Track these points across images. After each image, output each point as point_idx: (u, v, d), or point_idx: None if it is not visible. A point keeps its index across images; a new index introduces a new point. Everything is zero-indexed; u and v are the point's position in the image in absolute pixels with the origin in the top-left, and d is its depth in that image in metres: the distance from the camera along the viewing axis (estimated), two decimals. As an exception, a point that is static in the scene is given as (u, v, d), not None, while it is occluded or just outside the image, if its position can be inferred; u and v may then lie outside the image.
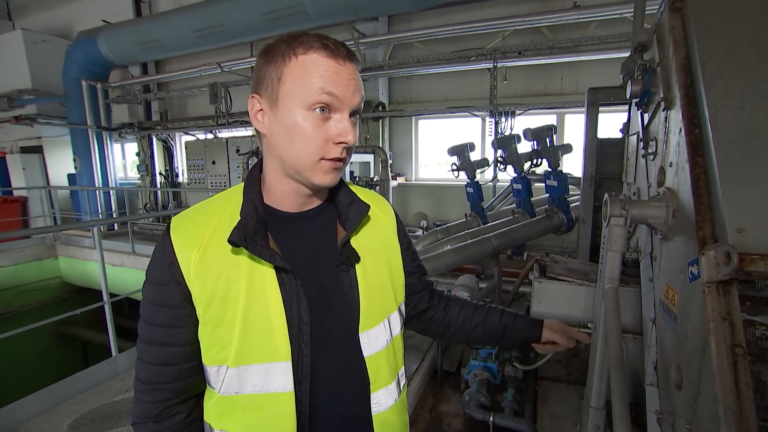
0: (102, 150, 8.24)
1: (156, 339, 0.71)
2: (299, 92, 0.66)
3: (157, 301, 0.71)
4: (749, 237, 0.97)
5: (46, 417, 2.49)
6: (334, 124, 0.67)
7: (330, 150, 0.68)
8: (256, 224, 0.70)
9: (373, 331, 0.78)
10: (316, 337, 0.73)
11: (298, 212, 0.77)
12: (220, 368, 0.71)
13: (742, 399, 0.89)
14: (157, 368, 0.72)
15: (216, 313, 0.69)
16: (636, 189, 1.88)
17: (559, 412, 2.22)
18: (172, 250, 0.69)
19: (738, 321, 0.96)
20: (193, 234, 0.71)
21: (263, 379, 0.70)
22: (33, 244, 7.27)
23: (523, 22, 5.10)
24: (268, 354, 0.70)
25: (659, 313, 1.42)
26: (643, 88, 1.58)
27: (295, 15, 5.69)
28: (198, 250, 0.69)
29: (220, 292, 0.68)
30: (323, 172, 0.69)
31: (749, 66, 1.11)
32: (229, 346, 0.69)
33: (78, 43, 7.65)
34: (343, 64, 0.67)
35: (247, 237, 0.67)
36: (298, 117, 0.66)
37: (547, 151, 3.63)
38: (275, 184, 0.74)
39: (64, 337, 7.63)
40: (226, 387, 0.71)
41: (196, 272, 0.68)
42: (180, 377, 0.73)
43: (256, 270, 0.70)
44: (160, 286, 0.70)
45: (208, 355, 0.72)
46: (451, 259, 3.14)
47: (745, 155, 1.04)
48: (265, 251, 0.68)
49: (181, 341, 0.71)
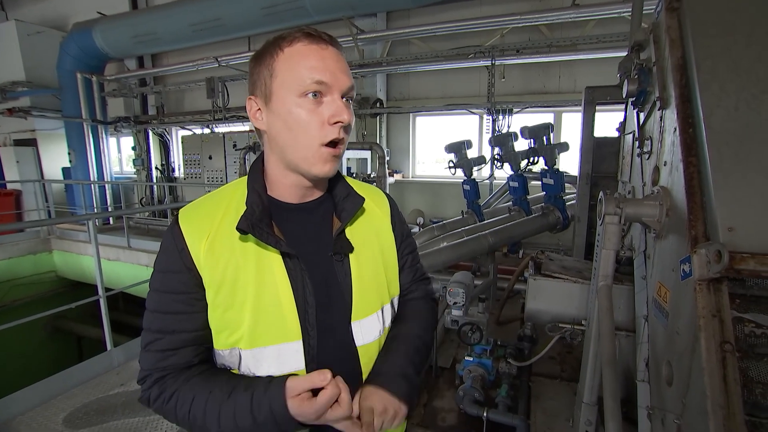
0: (97, 144, 8.19)
1: (168, 327, 0.73)
2: (290, 82, 0.69)
3: (168, 289, 0.73)
4: (740, 236, 0.98)
5: (41, 410, 2.49)
6: (327, 106, 0.70)
7: (327, 132, 0.70)
8: (262, 213, 0.73)
9: (365, 321, 0.80)
10: (320, 323, 0.76)
11: (299, 203, 0.80)
12: (233, 350, 0.73)
13: (730, 394, 0.91)
14: (169, 353, 0.73)
15: (226, 297, 0.71)
16: (631, 188, 1.90)
17: (552, 408, 2.24)
18: (182, 238, 0.72)
19: (728, 318, 0.98)
20: (202, 223, 0.74)
21: (277, 361, 0.73)
22: (27, 238, 7.22)
23: (521, 20, 5.10)
24: (280, 335, 0.73)
25: (652, 310, 1.44)
26: (639, 88, 1.59)
27: (293, 10, 5.67)
28: (207, 238, 0.72)
29: (230, 277, 0.71)
30: (323, 161, 0.72)
31: (744, 67, 1.12)
32: (239, 329, 0.72)
33: (73, 35, 7.58)
34: (325, 48, 0.70)
35: (254, 224, 0.71)
36: (292, 105, 0.69)
37: (544, 149, 3.65)
38: (277, 176, 0.78)
39: (59, 331, 7.61)
40: (243, 368, 0.73)
41: (205, 259, 0.71)
42: (190, 361, 0.75)
43: (264, 256, 0.73)
44: (172, 273, 0.72)
45: (219, 339, 0.74)
46: (446, 256, 3.15)
47: (738, 156, 1.05)
48: (272, 238, 0.72)
49: (193, 327, 0.73)
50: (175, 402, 0.70)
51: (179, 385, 0.71)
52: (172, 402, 0.70)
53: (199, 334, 0.74)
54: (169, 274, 0.73)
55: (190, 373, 0.73)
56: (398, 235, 0.92)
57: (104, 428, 2.32)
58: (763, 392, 0.94)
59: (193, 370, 0.74)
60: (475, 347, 2.54)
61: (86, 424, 2.36)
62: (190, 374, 0.73)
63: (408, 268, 0.95)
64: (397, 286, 0.91)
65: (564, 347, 2.95)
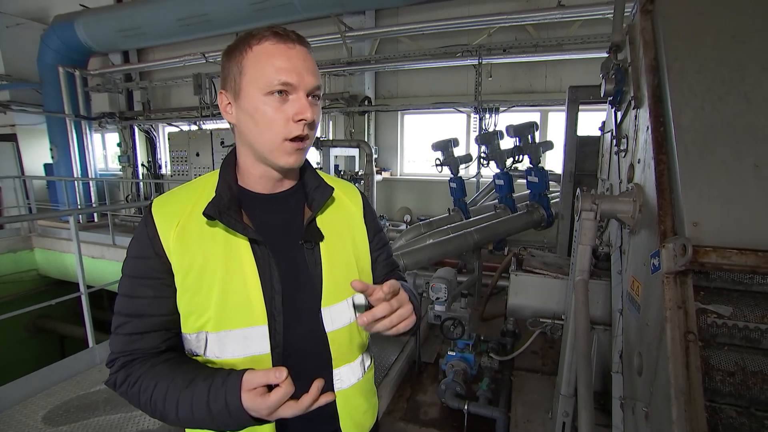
0: (81, 140, 8.02)
1: (137, 311, 0.75)
2: (257, 81, 0.72)
3: (138, 274, 0.75)
4: (704, 231, 1.02)
5: (20, 408, 2.45)
6: (292, 104, 0.73)
7: (291, 129, 0.73)
8: (230, 200, 0.76)
9: (335, 308, 0.82)
10: (286, 309, 0.78)
11: (270, 194, 0.83)
12: (200, 334, 0.76)
13: (692, 381, 0.95)
14: (136, 337, 0.75)
15: (194, 282, 0.74)
16: (609, 185, 1.94)
17: (533, 401, 2.29)
18: (153, 225, 0.75)
19: (692, 309, 1.02)
20: (173, 211, 0.77)
21: (242, 344, 0.75)
22: (7, 236, 7.05)
23: (508, 19, 5.16)
24: (245, 319, 0.75)
25: (625, 304, 1.48)
26: (615, 87, 1.63)
27: (281, 6, 5.63)
28: (177, 225, 0.75)
29: (198, 262, 0.74)
30: (287, 154, 0.75)
31: (710, 68, 1.16)
32: (206, 313, 0.74)
33: (54, 28, 7.39)
34: (292, 47, 0.73)
35: (221, 211, 0.74)
36: (259, 103, 0.72)
37: (529, 147, 3.70)
38: (248, 168, 0.81)
39: (41, 331, 7.46)
40: (209, 352, 0.76)
41: (175, 245, 0.74)
42: (158, 346, 0.77)
43: (232, 243, 0.76)
44: (142, 259, 0.75)
45: (187, 323, 0.76)
46: (432, 253, 3.19)
47: (703, 153, 1.09)
48: (239, 225, 0.74)
49: (161, 311, 0.75)
50: (139, 387, 0.72)
51: (144, 370, 0.73)
52: (136, 387, 0.72)
53: (167, 319, 0.76)
54: (140, 260, 0.75)
55: (156, 360, 0.75)
56: (371, 229, 0.94)
57: (85, 425, 2.30)
58: (722, 379, 0.98)
59: (159, 357, 0.76)
60: (457, 342, 2.58)
61: (66, 420, 2.33)
62: (156, 361, 0.75)
63: (383, 261, 0.98)
64: (370, 276, 0.93)
65: (546, 342, 3.01)
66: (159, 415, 0.71)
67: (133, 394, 0.73)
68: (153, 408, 0.71)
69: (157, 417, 0.72)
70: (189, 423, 0.70)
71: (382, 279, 0.97)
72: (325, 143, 5.59)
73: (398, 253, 3.12)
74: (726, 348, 1.00)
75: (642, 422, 1.15)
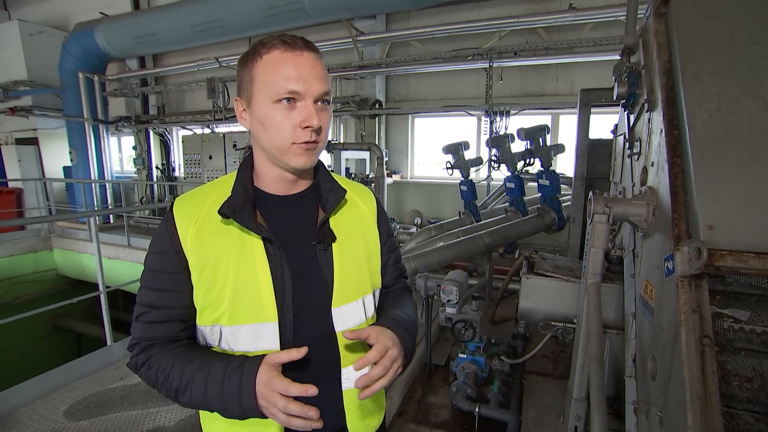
0: (98, 143, 8.20)
1: (156, 302, 0.80)
2: (266, 89, 0.75)
3: (158, 269, 0.80)
4: (719, 234, 1.02)
5: (42, 403, 2.52)
6: (299, 112, 0.75)
7: (299, 135, 0.76)
8: (245, 200, 0.79)
9: (345, 308, 0.85)
10: (297, 307, 0.81)
11: (285, 195, 0.86)
12: (214, 327, 0.80)
13: (708, 386, 0.94)
14: (156, 325, 0.80)
15: (208, 278, 0.78)
16: (622, 188, 1.93)
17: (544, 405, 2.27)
18: (173, 223, 0.79)
19: (707, 313, 1.01)
20: (191, 210, 0.81)
21: (252, 339, 0.78)
22: (28, 236, 7.24)
23: (519, 22, 5.14)
24: (256, 315, 0.78)
25: (639, 307, 1.47)
26: (628, 90, 1.63)
27: (293, 12, 5.69)
28: (195, 224, 0.79)
29: (213, 259, 0.78)
30: (296, 155, 0.78)
31: (725, 70, 1.16)
32: (220, 308, 0.78)
33: (75, 35, 7.61)
34: (300, 54, 0.75)
35: (235, 210, 0.77)
36: (268, 110, 0.75)
37: (540, 150, 3.68)
38: (263, 170, 0.84)
39: (59, 329, 7.63)
40: (224, 343, 0.80)
41: (192, 243, 0.78)
42: (176, 334, 0.82)
43: (246, 241, 0.79)
44: (162, 254, 0.80)
45: (203, 316, 0.80)
46: (443, 256, 3.19)
47: (718, 156, 1.08)
48: (252, 223, 0.78)
49: (178, 304, 0.80)
50: (157, 368, 0.77)
51: (163, 353, 0.78)
52: (154, 368, 0.77)
53: (183, 312, 0.80)
54: (160, 255, 0.80)
55: (174, 345, 0.80)
56: (383, 232, 0.97)
57: (104, 420, 2.36)
58: (739, 384, 0.97)
59: (178, 343, 0.81)
60: (468, 345, 2.57)
61: (86, 416, 2.39)
62: (174, 346, 0.80)
63: (392, 266, 1.01)
64: (380, 278, 0.96)
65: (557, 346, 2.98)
66: (174, 393, 0.76)
67: (151, 375, 0.78)
68: (169, 386, 0.75)
69: (171, 396, 0.76)
70: (199, 402, 0.74)
71: (390, 283, 1.01)
72: (336, 146, 5.64)
73: (409, 256, 3.13)
74: (743, 353, 0.99)
75: (656, 427, 1.14)
